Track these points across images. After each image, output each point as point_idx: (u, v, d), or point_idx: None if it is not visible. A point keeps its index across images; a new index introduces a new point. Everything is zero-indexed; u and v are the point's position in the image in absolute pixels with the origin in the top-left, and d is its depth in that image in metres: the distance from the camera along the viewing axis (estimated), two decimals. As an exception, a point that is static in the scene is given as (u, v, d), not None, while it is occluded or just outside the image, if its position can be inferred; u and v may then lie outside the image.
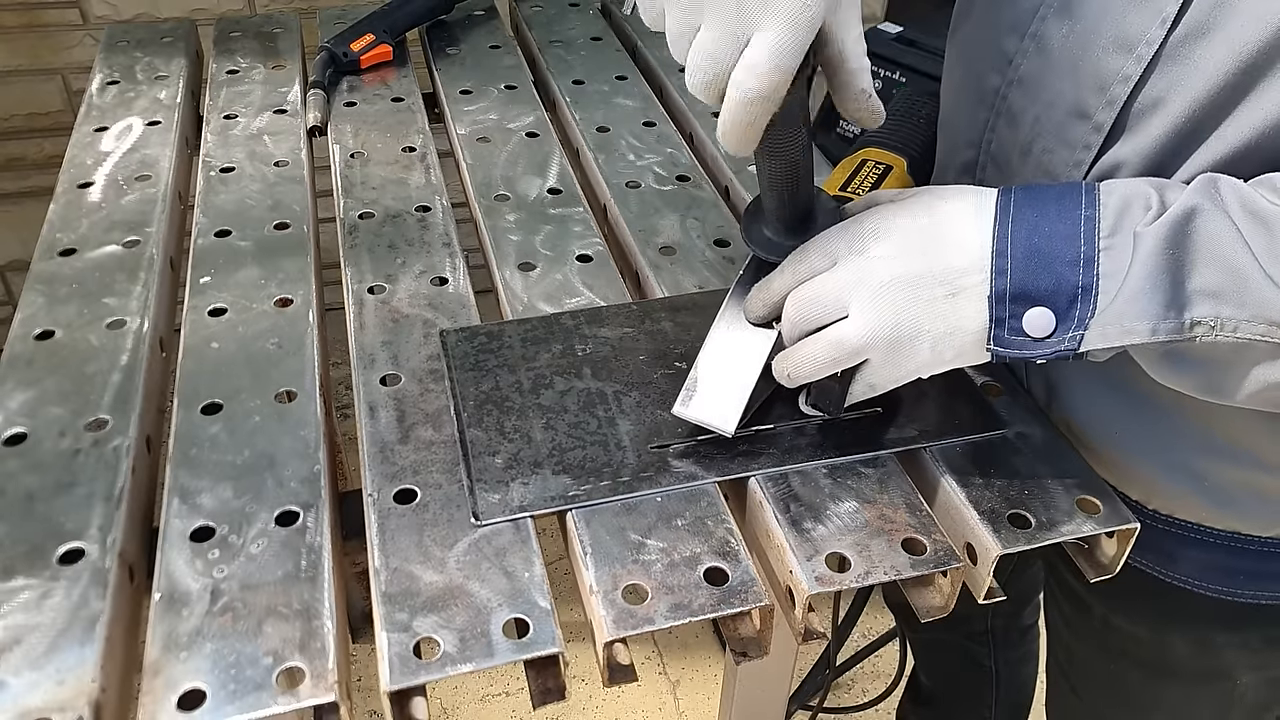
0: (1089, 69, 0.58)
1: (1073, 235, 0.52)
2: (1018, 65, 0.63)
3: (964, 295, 0.54)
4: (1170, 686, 0.79)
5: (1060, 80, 0.60)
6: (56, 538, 0.56)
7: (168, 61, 1.07)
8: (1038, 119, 0.62)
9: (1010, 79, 0.64)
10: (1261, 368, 0.51)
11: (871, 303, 0.54)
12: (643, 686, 1.63)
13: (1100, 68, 0.58)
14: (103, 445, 0.62)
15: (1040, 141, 0.62)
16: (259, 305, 0.74)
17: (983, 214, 0.55)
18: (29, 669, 0.50)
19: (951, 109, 0.72)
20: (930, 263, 0.54)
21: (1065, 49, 0.60)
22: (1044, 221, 0.53)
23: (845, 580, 0.55)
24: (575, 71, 1.08)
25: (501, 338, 0.71)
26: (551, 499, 0.59)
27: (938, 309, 0.54)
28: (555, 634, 0.52)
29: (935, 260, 0.54)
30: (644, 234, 0.83)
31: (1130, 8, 0.56)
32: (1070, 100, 0.60)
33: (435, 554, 0.56)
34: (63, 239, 0.80)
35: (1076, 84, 0.59)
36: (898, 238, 0.55)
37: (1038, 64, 0.62)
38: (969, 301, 0.53)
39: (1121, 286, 0.51)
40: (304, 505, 0.58)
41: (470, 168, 0.92)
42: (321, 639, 0.51)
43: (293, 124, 0.97)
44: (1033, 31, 0.62)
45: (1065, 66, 0.60)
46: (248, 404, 0.65)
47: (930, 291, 0.54)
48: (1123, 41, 0.56)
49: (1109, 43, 0.57)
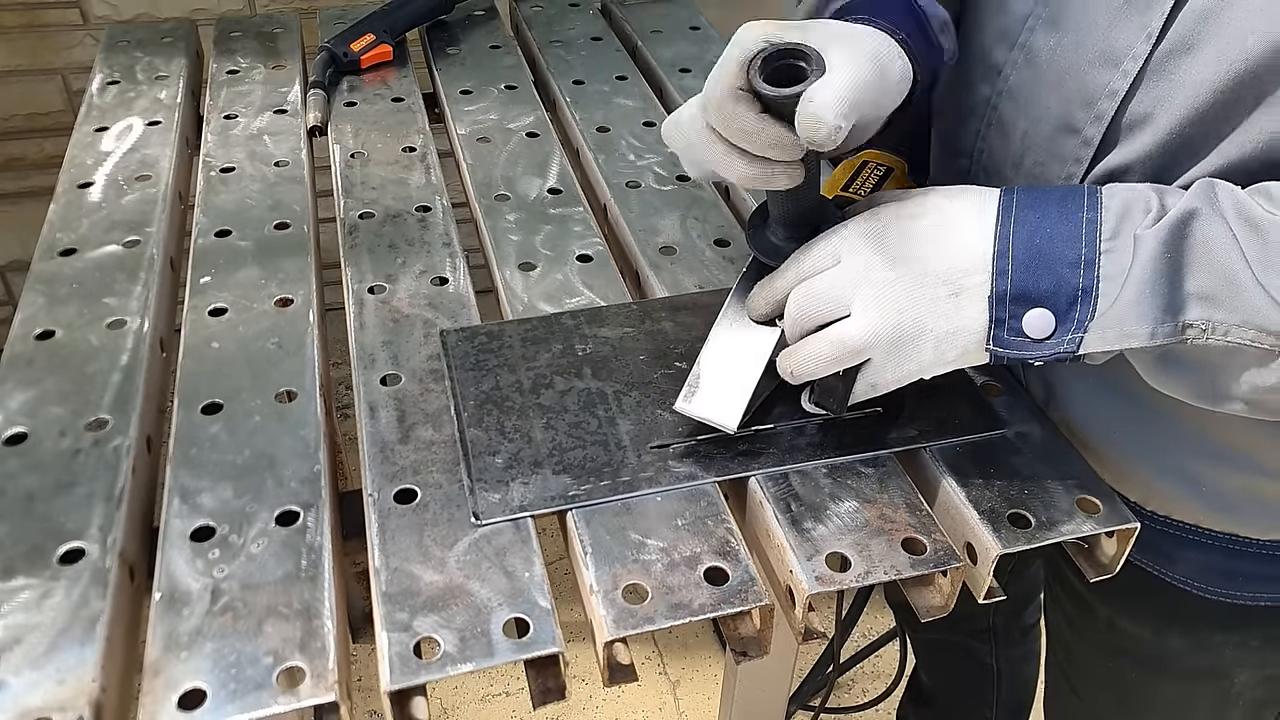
0: (1076, 83, 0.58)
1: (1074, 237, 0.52)
2: (1007, 76, 0.63)
3: (966, 295, 0.54)
4: (1168, 684, 0.78)
5: (1048, 94, 0.60)
6: (57, 537, 0.56)
7: (168, 61, 1.07)
8: (1027, 132, 0.62)
9: (1000, 89, 0.64)
10: (1251, 373, 0.51)
11: (874, 301, 0.54)
12: (643, 686, 1.62)
13: (1087, 82, 0.58)
14: (103, 445, 0.62)
15: (1031, 154, 0.62)
16: (259, 305, 0.74)
17: (985, 214, 0.55)
18: (29, 669, 0.50)
19: (944, 116, 0.72)
20: (933, 263, 0.54)
21: (1053, 61, 0.60)
22: (1046, 223, 0.53)
23: (845, 580, 0.55)
24: (575, 71, 1.08)
25: (502, 338, 0.71)
26: (552, 499, 0.59)
27: (940, 308, 0.54)
28: (555, 634, 0.52)
29: (938, 260, 0.54)
30: (644, 234, 0.83)
31: (1116, 21, 0.56)
32: (1058, 114, 0.60)
33: (435, 554, 0.56)
34: (63, 239, 0.80)
35: (1064, 98, 0.59)
36: (901, 238, 0.55)
37: (1027, 76, 0.61)
38: (971, 301, 0.54)
39: (1121, 290, 0.51)
40: (304, 505, 0.58)
41: (470, 168, 0.92)
42: (322, 639, 0.51)
43: (293, 124, 0.97)
44: (1022, 42, 0.61)
45: (1053, 80, 0.60)
46: (248, 404, 0.65)
47: (933, 291, 0.54)
48: (1109, 56, 0.56)
49: (1095, 56, 0.57)
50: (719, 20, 1.22)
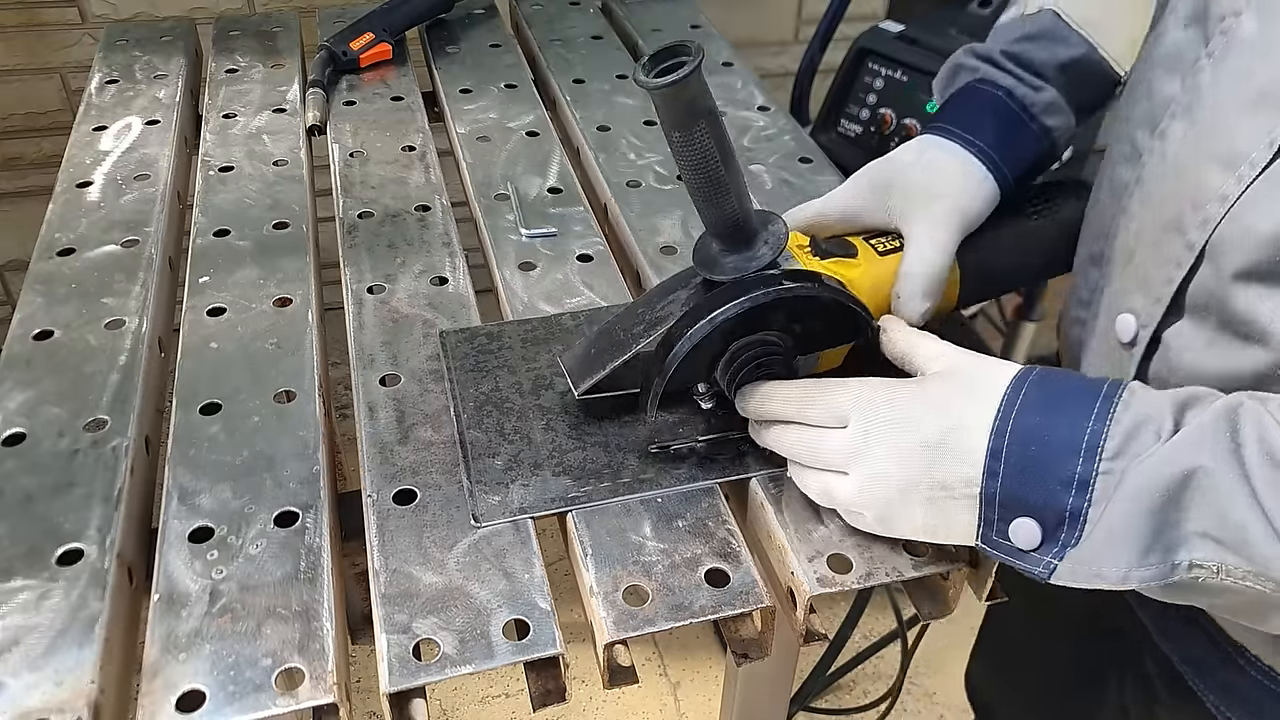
0: (1192, 180, 0.54)
1: (1072, 450, 0.48)
2: (1144, 163, 0.59)
3: (960, 498, 0.51)
4: None
5: (1167, 187, 0.56)
6: (55, 538, 0.56)
7: (167, 60, 1.07)
8: (1143, 225, 0.59)
9: (1137, 175, 0.60)
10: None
11: (869, 483, 0.53)
12: (643, 688, 1.62)
13: (1201, 181, 0.53)
14: (101, 445, 0.62)
15: (1141, 250, 0.59)
16: (258, 305, 0.74)
17: (989, 406, 0.51)
18: (27, 670, 0.49)
19: (1095, 192, 0.68)
20: (932, 469, 0.51)
21: (1179, 153, 0.56)
22: (1046, 428, 0.49)
23: (847, 581, 0.55)
24: (575, 70, 1.08)
25: (501, 338, 0.71)
26: (552, 501, 0.59)
27: (933, 506, 0.52)
28: (555, 635, 0.52)
29: (937, 468, 0.51)
30: (645, 233, 0.83)
31: (1242, 119, 0.51)
32: (1171, 211, 0.55)
33: (435, 555, 0.56)
34: (61, 239, 0.80)
35: (1179, 194, 0.55)
36: (908, 436, 0.52)
37: (1157, 166, 0.58)
38: (962, 501, 0.51)
39: (1098, 525, 0.47)
40: (303, 506, 0.58)
41: (470, 167, 0.91)
42: (321, 640, 0.51)
43: (292, 123, 0.97)
44: (1161, 129, 0.57)
45: (1173, 173, 0.56)
46: (247, 404, 0.65)
47: (927, 492, 0.52)
48: (1228, 157, 0.51)
49: (1214, 155, 0.52)
50: (719, 19, 1.21)
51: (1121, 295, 0.62)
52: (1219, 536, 0.44)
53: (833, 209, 0.67)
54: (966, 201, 0.64)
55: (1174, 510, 0.45)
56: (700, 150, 0.53)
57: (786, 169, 0.91)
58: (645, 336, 0.60)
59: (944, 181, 0.64)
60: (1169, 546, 0.46)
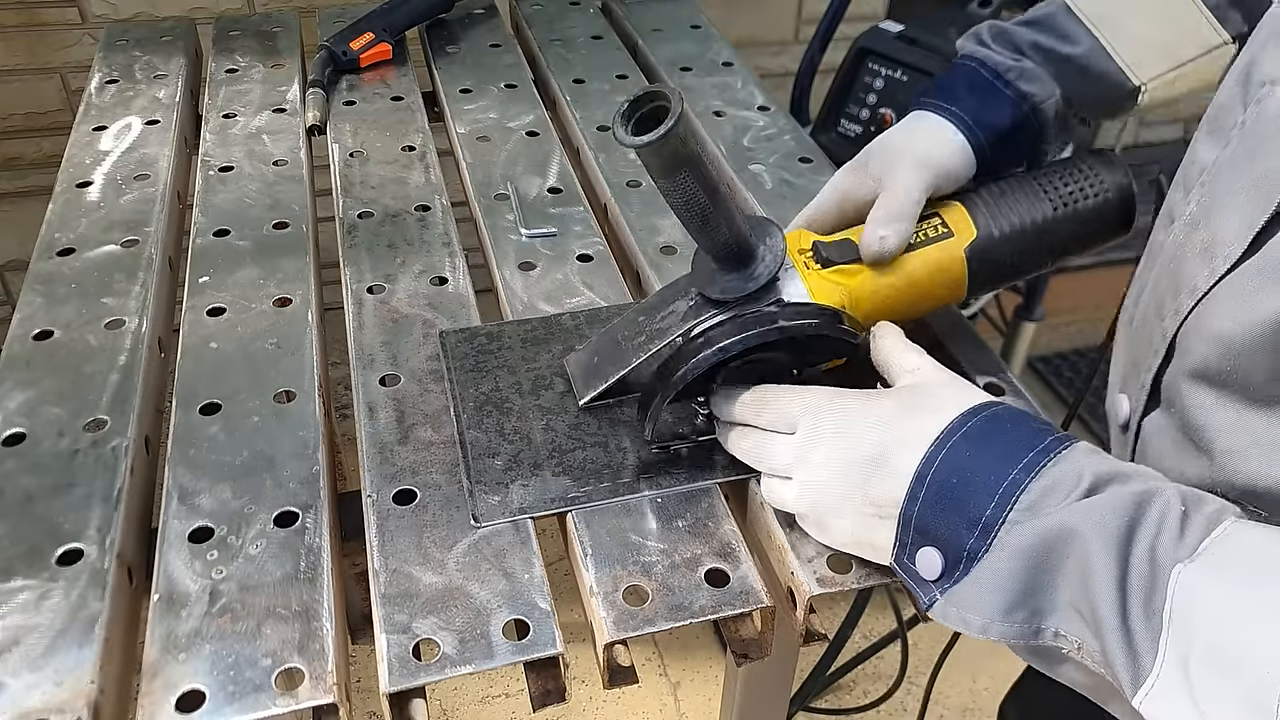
0: (1181, 264, 0.52)
1: (988, 492, 0.47)
2: (1174, 231, 0.56)
3: (886, 516, 0.51)
4: None
5: (1167, 263, 0.55)
6: (55, 538, 0.56)
7: (167, 60, 1.07)
8: (1148, 300, 0.57)
9: (1161, 242, 0.58)
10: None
11: (806, 490, 0.54)
12: (643, 688, 1.62)
13: (1183, 268, 0.52)
14: (101, 445, 0.62)
15: (1142, 326, 0.58)
16: (258, 305, 0.74)
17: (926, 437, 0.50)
18: (27, 670, 0.49)
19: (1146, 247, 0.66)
20: (866, 483, 0.51)
21: (1182, 228, 0.54)
22: (972, 464, 0.48)
23: (847, 581, 0.55)
24: (575, 70, 1.08)
25: (501, 338, 0.71)
26: (551, 501, 0.59)
27: (862, 520, 0.52)
28: (555, 635, 0.52)
29: (871, 483, 0.51)
30: (645, 233, 0.83)
31: (1232, 204, 0.49)
32: (1163, 292, 0.54)
33: (434, 555, 0.56)
34: (61, 239, 0.80)
35: (1173, 276, 0.53)
36: (849, 448, 0.52)
37: (1180, 231, 0.55)
38: (887, 520, 0.51)
39: (979, 572, 0.47)
40: (303, 506, 0.58)
41: (470, 167, 0.91)
42: (320, 640, 0.51)
43: (292, 123, 0.97)
44: (1189, 196, 0.55)
45: (1174, 250, 0.54)
46: (246, 404, 0.65)
47: (859, 506, 0.52)
48: (1209, 245, 0.50)
49: (1201, 240, 0.51)
50: (720, 19, 1.21)
51: (1125, 371, 0.61)
52: (1083, 613, 0.44)
53: (828, 194, 0.68)
54: (938, 156, 0.64)
55: (1046, 574, 0.45)
56: (685, 194, 0.54)
57: (786, 169, 0.91)
58: (644, 350, 0.62)
59: (917, 140, 0.65)
60: (1038, 610, 0.45)
